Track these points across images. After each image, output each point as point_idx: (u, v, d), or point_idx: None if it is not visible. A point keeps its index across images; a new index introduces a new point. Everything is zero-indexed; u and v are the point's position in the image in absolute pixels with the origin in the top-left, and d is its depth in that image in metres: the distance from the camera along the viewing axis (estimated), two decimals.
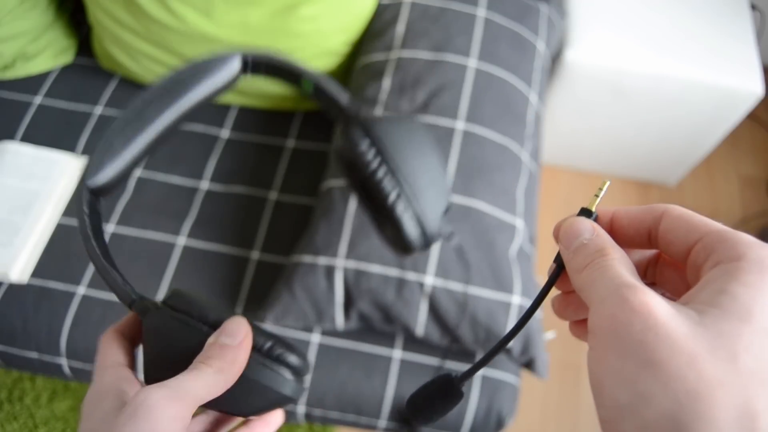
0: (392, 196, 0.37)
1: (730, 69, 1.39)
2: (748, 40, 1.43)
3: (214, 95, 0.41)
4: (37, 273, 1.03)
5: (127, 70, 1.21)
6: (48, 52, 1.24)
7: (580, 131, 1.61)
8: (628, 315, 0.23)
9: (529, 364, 0.96)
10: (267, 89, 1.17)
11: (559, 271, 0.31)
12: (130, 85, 1.25)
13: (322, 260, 0.91)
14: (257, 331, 0.32)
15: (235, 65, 0.41)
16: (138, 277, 1.03)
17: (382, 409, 0.96)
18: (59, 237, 1.06)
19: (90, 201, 0.36)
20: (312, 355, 0.97)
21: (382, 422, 0.98)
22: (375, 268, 0.89)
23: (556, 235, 0.31)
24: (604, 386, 0.23)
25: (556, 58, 1.41)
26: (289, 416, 1.01)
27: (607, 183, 0.30)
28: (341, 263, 0.90)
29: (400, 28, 1.09)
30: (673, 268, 0.30)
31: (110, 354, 0.33)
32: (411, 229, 0.37)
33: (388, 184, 0.36)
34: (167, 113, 0.39)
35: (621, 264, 0.26)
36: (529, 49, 1.11)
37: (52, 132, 1.18)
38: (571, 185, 1.80)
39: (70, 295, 1.01)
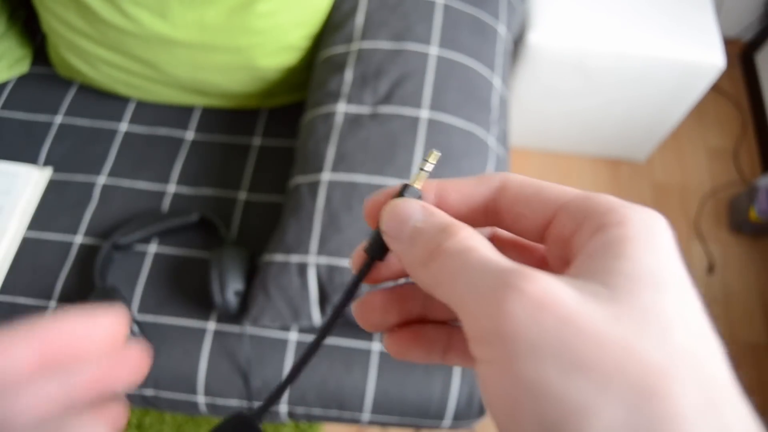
0: None
1: (692, 43, 1.40)
2: (708, 14, 1.45)
3: None
4: (5, 289, 1.01)
5: (85, 77, 1.19)
6: (2, 63, 1.21)
7: (548, 113, 1.62)
8: (531, 310, 0.18)
9: None
10: (230, 88, 1.16)
11: (370, 264, 0.25)
12: (90, 93, 1.22)
13: (294, 258, 0.90)
14: None
15: None
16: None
17: (364, 402, 0.96)
18: (26, 251, 1.04)
19: None
20: (291, 354, 0.97)
21: (365, 416, 0.98)
22: (347, 263, 0.89)
23: (370, 219, 0.26)
24: (520, 408, 0.18)
25: (518, 41, 1.41)
26: (273, 416, 1.01)
27: (437, 154, 0.25)
28: (313, 260, 0.90)
29: (359, 19, 1.08)
30: (512, 247, 0.26)
31: None
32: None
33: None
34: None
35: (482, 244, 0.21)
36: (490, 33, 1.11)
37: (11, 144, 1.15)
38: (542, 167, 1.81)
39: (42, 310, 0.99)
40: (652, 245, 0.20)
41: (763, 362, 1.56)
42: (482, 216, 0.25)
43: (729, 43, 1.96)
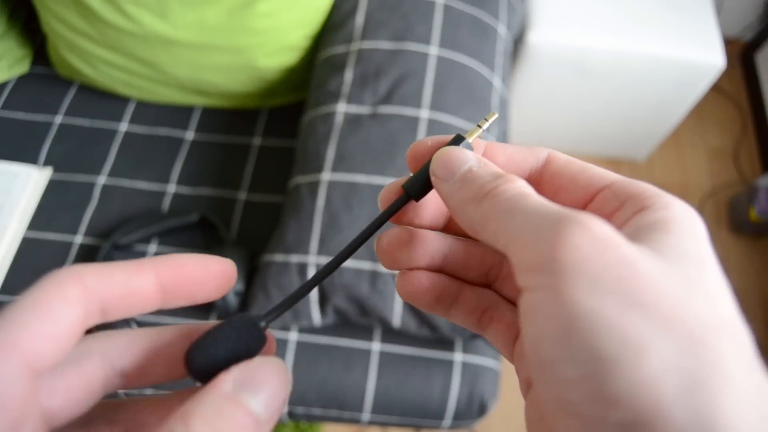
0: None
1: (692, 42, 1.40)
2: (708, 14, 1.45)
3: None
4: (5, 289, 1.01)
5: (85, 77, 1.19)
6: (2, 63, 1.21)
7: (548, 112, 1.62)
8: (595, 244, 0.18)
9: None
10: (230, 88, 1.16)
11: (404, 201, 0.26)
12: (90, 93, 1.22)
13: (294, 258, 0.90)
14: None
15: None
16: None
17: (364, 402, 0.96)
18: (26, 251, 1.04)
19: None
20: (291, 354, 0.97)
21: (366, 416, 0.98)
22: (347, 263, 0.89)
23: (414, 162, 0.26)
24: (573, 337, 0.18)
25: (518, 41, 1.41)
26: None
27: (495, 115, 0.27)
28: (313, 260, 0.90)
29: (359, 19, 1.08)
30: None
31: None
32: None
33: None
34: None
35: (535, 193, 0.21)
36: (490, 33, 1.11)
37: (11, 144, 1.15)
38: None
39: None
40: (692, 231, 0.20)
41: (764, 362, 1.56)
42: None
43: (729, 43, 1.96)
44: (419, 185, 0.26)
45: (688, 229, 0.20)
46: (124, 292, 0.21)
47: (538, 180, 0.25)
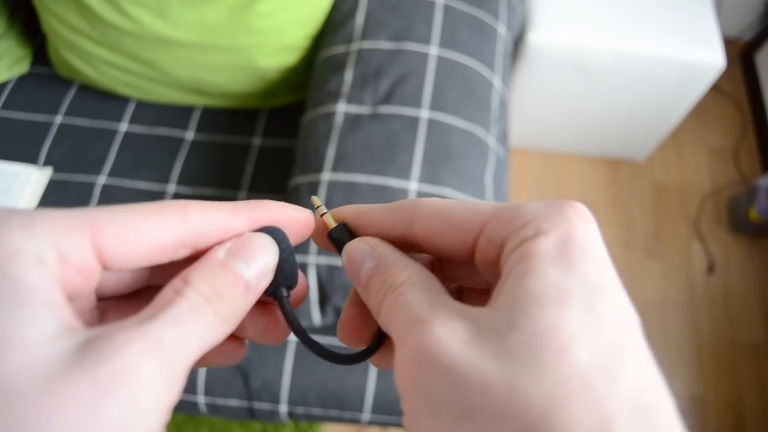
0: None
1: (692, 42, 1.40)
2: (708, 14, 1.45)
3: None
4: None
5: (85, 77, 1.19)
6: (2, 63, 1.21)
7: (548, 112, 1.62)
8: (423, 359, 0.18)
9: None
10: (230, 88, 1.16)
11: (379, 342, 0.26)
12: (90, 93, 1.22)
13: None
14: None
15: None
16: None
17: (364, 402, 0.96)
18: None
19: None
20: (291, 354, 0.97)
21: (366, 416, 0.98)
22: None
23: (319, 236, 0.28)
24: None
25: (518, 41, 1.41)
26: (273, 416, 1.01)
27: (315, 197, 0.28)
28: (313, 260, 0.90)
29: (360, 19, 1.08)
30: (461, 265, 0.26)
31: None
32: None
33: None
34: None
35: (412, 289, 0.22)
36: (489, 33, 1.11)
37: (11, 144, 1.15)
38: (542, 167, 1.81)
39: None
40: (565, 255, 0.19)
41: (763, 362, 1.56)
42: (405, 244, 0.25)
43: (729, 43, 1.96)
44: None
45: (556, 257, 0.19)
46: (220, 230, 0.23)
47: (414, 242, 0.24)
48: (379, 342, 0.26)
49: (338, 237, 0.26)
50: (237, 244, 0.23)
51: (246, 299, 0.22)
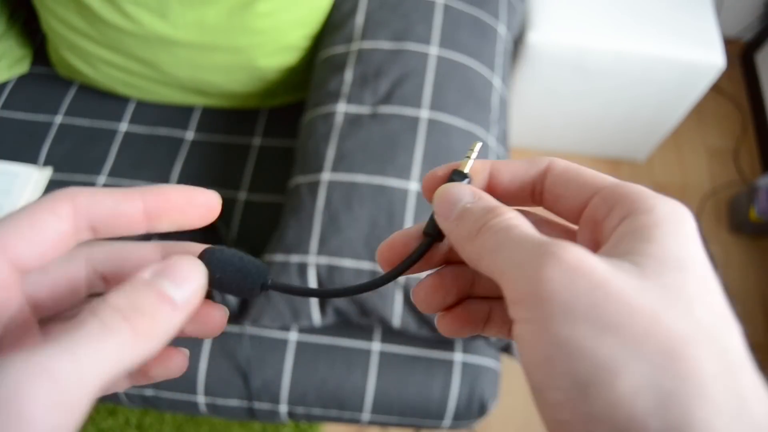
0: None
1: (692, 42, 1.40)
2: (708, 14, 1.45)
3: None
4: None
5: (85, 77, 1.19)
6: (2, 62, 1.21)
7: (548, 112, 1.62)
8: (567, 275, 0.19)
9: (506, 348, 0.97)
10: (230, 88, 1.16)
11: (430, 242, 0.27)
12: (90, 93, 1.22)
13: (294, 258, 0.90)
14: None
15: None
16: None
17: (364, 402, 0.96)
18: None
19: None
20: (291, 354, 0.97)
21: (366, 416, 0.98)
22: (347, 263, 0.89)
23: (428, 192, 0.28)
24: (554, 365, 0.19)
25: (518, 41, 1.41)
26: (273, 416, 1.01)
27: (479, 144, 0.28)
28: (313, 260, 0.90)
29: (359, 19, 1.08)
30: (549, 227, 0.27)
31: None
32: None
33: None
34: None
35: (523, 222, 0.23)
36: (490, 33, 1.11)
37: (11, 144, 1.15)
38: None
39: None
40: (677, 232, 0.21)
41: (764, 362, 1.55)
42: (530, 195, 0.26)
43: (729, 43, 1.95)
44: (435, 225, 0.27)
45: (671, 231, 0.21)
46: (112, 214, 0.24)
47: (540, 190, 0.26)
48: (427, 246, 0.26)
49: (454, 179, 0.27)
50: (162, 265, 0.23)
51: (174, 315, 0.22)
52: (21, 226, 0.22)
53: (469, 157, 0.27)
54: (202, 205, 0.26)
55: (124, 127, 1.18)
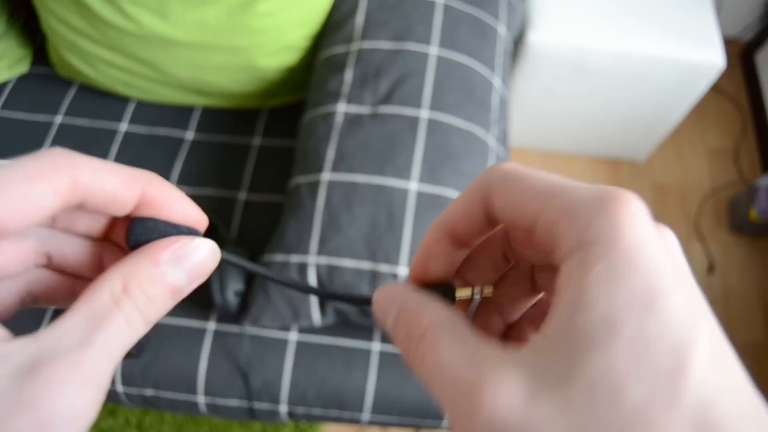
0: None
1: (692, 42, 1.40)
2: (708, 14, 1.45)
3: None
4: None
5: (85, 77, 1.19)
6: (2, 63, 1.21)
7: (548, 112, 1.62)
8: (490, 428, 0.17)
9: None
10: (230, 88, 1.16)
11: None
12: (90, 93, 1.22)
13: (294, 258, 0.90)
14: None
15: None
16: None
17: (364, 402, 0.96)
18: None
19: None
20: (291, 354, 0.97)
21: (366, 416, 0.98)
22: (347, 263, 0.89)
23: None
24: None
25: (518, 41, 1.41)
26: (273, 416, 1.01)
27: (490, 288, 0.26)
28: (313, 260, 0.90)
29: (359, 19, 1.08)
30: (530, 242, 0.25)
31: None
32: None
33: None
34: None
35: (441, 340, 0.20)
36: (490, 33, 1.11)
37: (11, 144, 1.15)
38: (542, 167, 1.81)
39: (42, 310, 0.99)
40: (611, 271, 0.18)
41: (763, 362, 1.56)
42: (489, 227, 0.24)
43: (729, 43, 1.96)
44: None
45: (607, 274, 0.18)
46: (110, 197, 0.23)
47: (495, 220, 0.24)
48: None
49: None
50: (181, 252, 0.24)
51: (172, 304, 0.23)
52: (14, 194, 0.21)
53: (474, 295, 0.26)
54: (191, 218, 0.26)
55: (124, 127, 1.18)
